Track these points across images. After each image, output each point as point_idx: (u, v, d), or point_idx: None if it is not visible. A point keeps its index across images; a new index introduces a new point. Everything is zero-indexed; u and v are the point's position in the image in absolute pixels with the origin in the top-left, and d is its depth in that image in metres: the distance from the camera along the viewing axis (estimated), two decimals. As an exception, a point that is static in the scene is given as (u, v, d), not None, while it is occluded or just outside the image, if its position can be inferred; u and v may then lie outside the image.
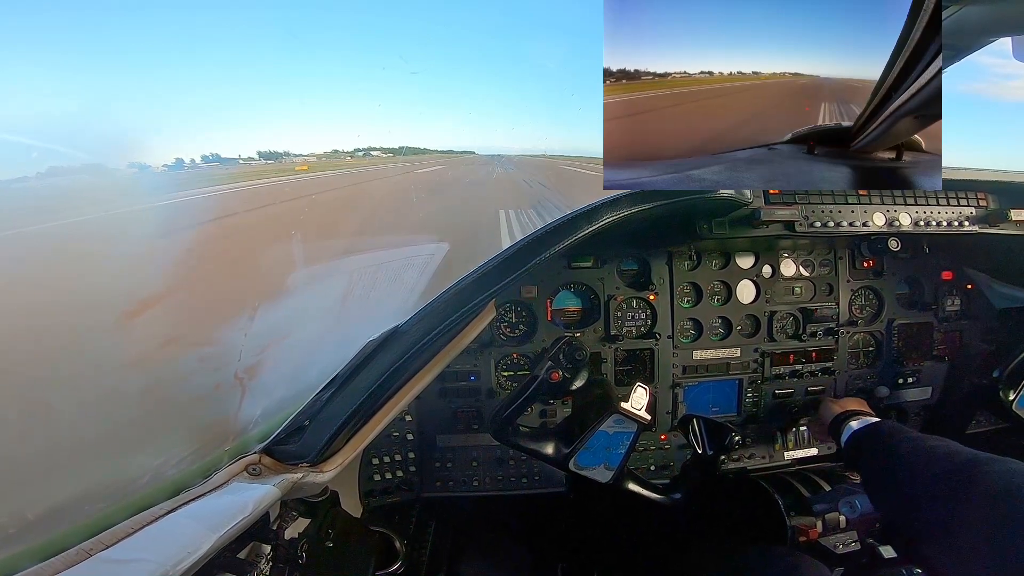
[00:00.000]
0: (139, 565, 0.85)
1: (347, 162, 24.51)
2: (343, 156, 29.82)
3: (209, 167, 12.86)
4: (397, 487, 1.98)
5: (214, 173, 12.16)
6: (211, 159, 14.19)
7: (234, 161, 16.19)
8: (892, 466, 1.28)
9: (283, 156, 21.96)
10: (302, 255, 2.26)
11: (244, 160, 17.19)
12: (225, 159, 16.07)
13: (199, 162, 12.71)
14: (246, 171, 14.98)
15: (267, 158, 18.56)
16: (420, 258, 2.27)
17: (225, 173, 13.15)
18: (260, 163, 17.25)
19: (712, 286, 2.05)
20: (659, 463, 2.07)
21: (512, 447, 1.51)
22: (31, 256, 1.37)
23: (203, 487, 1.10)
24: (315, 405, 1.26)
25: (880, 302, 2.15)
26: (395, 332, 1.27)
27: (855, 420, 1.62)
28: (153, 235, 1.76)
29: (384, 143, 45.34)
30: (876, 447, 1.42)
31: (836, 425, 1.67)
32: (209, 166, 12.99)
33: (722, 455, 1.64)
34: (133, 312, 1.41)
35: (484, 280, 1.25)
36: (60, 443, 1.26)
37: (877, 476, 1.37)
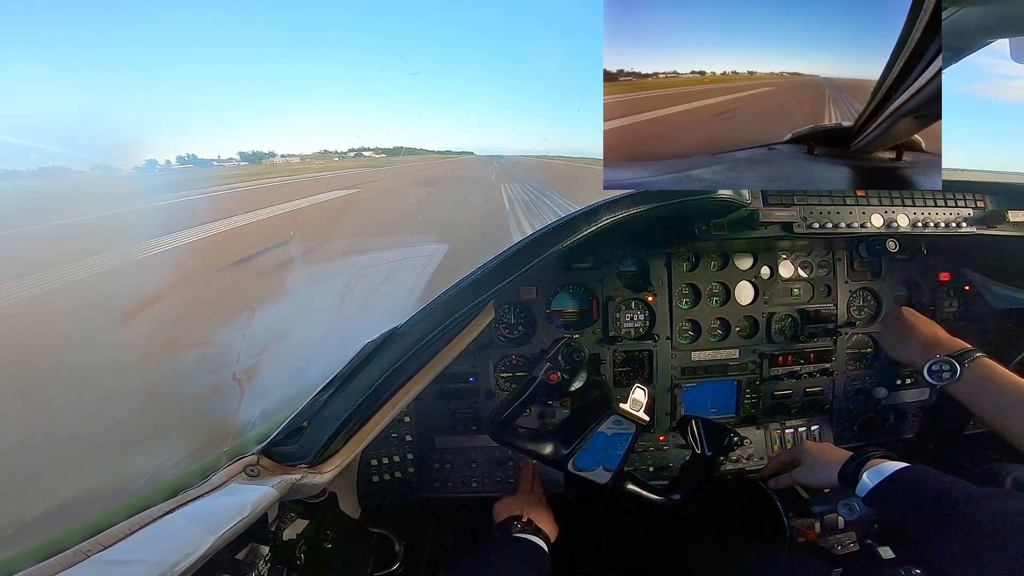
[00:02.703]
0: (137, 566, 0.84)
1: (335, 163, 23.99)
2: (332, 157, 29.46)
3: (184, 169, 12.64)
4: (396, 488, 1.97)
5: (186, 178, 11.68)
6: (186, 160, 14.02)
7: (216, 163, 16.05)
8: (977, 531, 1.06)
9: (268, 157, 21.78)
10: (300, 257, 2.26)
11: (218, 163, 17.01)
12: (202, 160, 15.94)
13: (174, 163, 12.51)
14: (223, 174, 14.68)
15: (250, 160, 18.36)
16: (418, 259, 2.27)
17: (201, 176, 12.86)
18: (236, 165, 16.96)
19: (710, 287, 2.06)
20: (658, 464, 2.07)
21: (511, 448, 1.51)
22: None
23: (201, 488, 1.10)
24: (314, 406, 1.26)
25: (878, 303, 2.15)
26: (394, 333, 1.27)
27: (879, 462, 1.35)
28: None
29: (379, 143, 45.43)
30: (935, 501, 1.17)
31: (852, 468, 1.39)
32: (184, 168, 12.80)
33: (721, 456, 1.64)
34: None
35: (483, 281, 1.25)
36: (58, 444, 1.25)
37: (951, 539, 1.11)
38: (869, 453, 1.40)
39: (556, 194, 18.44)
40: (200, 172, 13.18)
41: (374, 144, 34.97)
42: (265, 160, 20.82)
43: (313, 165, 24.81)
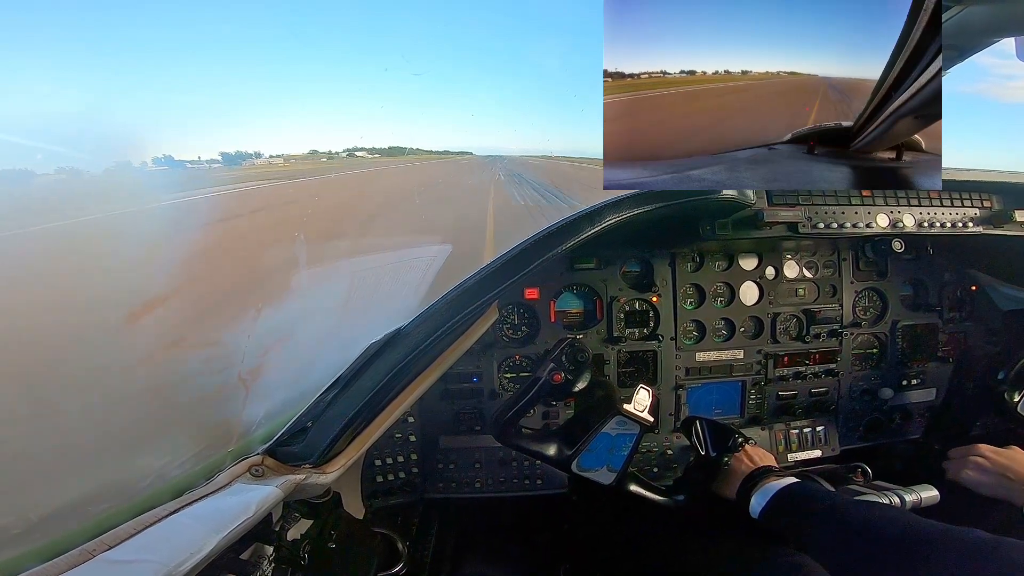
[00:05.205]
0: (142, 566, 0.85)
1: (323, 164, 23.15)
2: (320, 158, 28.91)
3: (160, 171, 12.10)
4: (400, 488, 1.98)
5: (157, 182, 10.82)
6: (162, 161, 13.57)
7: (200, 164, 15.43)
8: (843, 533, 1.17)
9: (252, 157, 21.28)
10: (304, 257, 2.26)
11: (192, 164, 16.40)
12: (178, 162, 15.45)
13: (150, 164, 12.11)
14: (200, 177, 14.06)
15: (231, 161, 17.82)
16: (423, 260, 2.27)
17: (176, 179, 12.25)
18: (208, 168, 16.25)
19: (715, 287, 2.05)
20: (662, 465, 2.06)
21: (514, 449, 1.51)
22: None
23: (206, 488, 1.10)
24: (318, 406, 1.27)
25: (884, 303, 2.14)
26: (398, 334, 1.28)
27: (772, 479, 1.43)
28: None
29: (376, 143, 44.97)
30: (812, 510, 1.29)
31: (748, 482, 1.47)
32: (160, 170, 12.31)
33: (725, 457, 1.64)
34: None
35: (487, 282, 1.26)
36: (64, 444, 1.26)
37: (825, 542, 1.22)
38: (761, 474, 1.47)
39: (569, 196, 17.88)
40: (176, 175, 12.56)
41: (370, 144, 34.93)
42: (247, 162, 20.54)
43: (322, 164, 24.15)
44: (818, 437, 2.12)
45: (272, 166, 22.22)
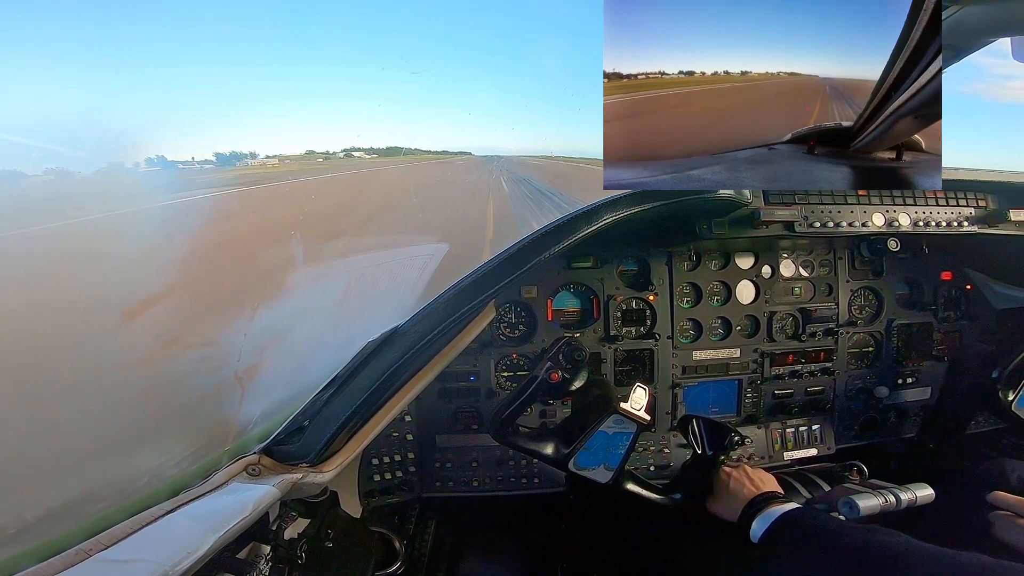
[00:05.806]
0: (138, 565, 0.84)
1: (319, 164, 22.63)
2: (316, 157, 28.52)
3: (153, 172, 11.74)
4: (397, 487, 1.98)
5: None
6: (155, 162, 13.30)
7: (192, 165, 15.04)
8: (843, 562, 1.16)
9: (247, 158, 20.95)
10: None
11: (185, 165, 16.00)
12: (170, 162, 15.12)
13: (143, 165, 11.79)
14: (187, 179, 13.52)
15: (225, 162, 17.48)
16: (419, 258, 2.27)
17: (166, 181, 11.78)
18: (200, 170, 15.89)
19: (712, 286, 2.05)
20: (659, 463, 2.06)
21: (512, 447, 1.51)
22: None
23: (203, 487, 1.10)
24: (315, 405, 1.26)
25: (879, 302, 2.15)
26: (395, 332, 1.27)
27: (775, 504, 1.42)
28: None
29: (374, 143, 44.74)
30: (812, 536, 1.28)
31: (751, 508, 1.46)
32: (153, 171, 11.99)
33: (722, 455, 1.64)
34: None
35: (484, 280, 1.25)
36: (60, 443, 1.26)
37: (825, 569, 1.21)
38: (764, 500, 1.45)
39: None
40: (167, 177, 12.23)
41: (368, 144, 34.80)
42: (241, 162, 20.30)
43: (317, 164, 23.64)
44: (814, 436, 2.13)
45: (266, 166, 21.82)
